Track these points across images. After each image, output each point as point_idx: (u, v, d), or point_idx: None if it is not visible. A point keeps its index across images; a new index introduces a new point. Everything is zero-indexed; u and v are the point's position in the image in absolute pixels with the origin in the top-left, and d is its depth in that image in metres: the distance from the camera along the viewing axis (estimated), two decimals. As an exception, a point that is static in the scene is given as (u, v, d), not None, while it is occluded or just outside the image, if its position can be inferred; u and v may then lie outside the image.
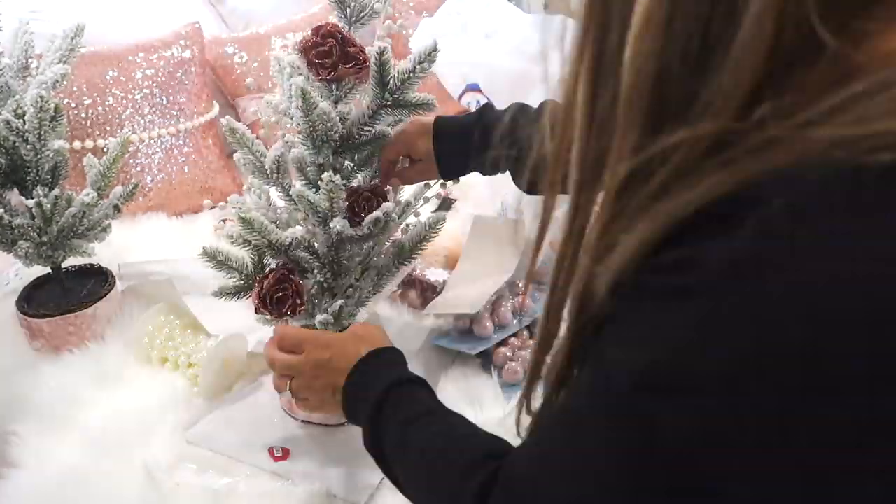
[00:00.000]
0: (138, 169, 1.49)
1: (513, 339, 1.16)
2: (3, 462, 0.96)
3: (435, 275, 1.25)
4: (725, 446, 0.35)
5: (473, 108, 2.03)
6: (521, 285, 1.22)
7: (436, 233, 0.97)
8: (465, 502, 0.54)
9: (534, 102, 1.92)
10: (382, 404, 0.69)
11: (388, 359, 0.77)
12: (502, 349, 1.13)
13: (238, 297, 0.93)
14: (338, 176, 0.84)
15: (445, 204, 1.04)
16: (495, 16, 2.09)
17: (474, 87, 2.02)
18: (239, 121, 1.70)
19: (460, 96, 2.05)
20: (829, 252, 0.32)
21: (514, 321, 1.18)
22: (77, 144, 1.42)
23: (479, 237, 1.23)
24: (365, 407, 0.71)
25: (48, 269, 1.15)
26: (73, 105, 1.43)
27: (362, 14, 0.87)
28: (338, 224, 0.85)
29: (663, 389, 0.36)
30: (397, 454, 0.67)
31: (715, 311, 0.34)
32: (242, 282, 0.92)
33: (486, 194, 1.55)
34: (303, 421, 0.98)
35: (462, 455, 0.60)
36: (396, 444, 0.67)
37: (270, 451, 0.94)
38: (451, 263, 1.32)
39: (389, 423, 0.69)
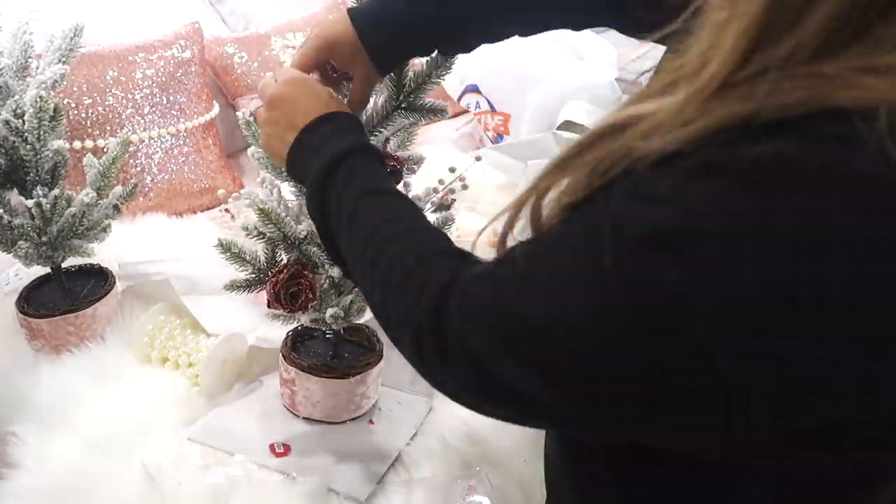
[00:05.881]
0: (138, 169, 1.49)
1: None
2: (3, 462, 0.96)
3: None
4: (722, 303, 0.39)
5: (473, 110, 2.04)
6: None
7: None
8: (427, 289, 0.53)
9: (533, 103, 1.90)
10: (337, 166, 0.65)
11: (348, 124, 0.71)
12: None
13: (248, 291, 0.93)
14: None
15: (445, 203, 1.03)
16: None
17: (474, 88, 2.02)
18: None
19: (460, 97, 2.05)
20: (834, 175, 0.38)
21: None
22: (77, 144, 1.42)
23: None
24: (314, 162, 0.67)
25: (48, 269, 1.15)
26: (73, 105, 1.43)
27: None
28: None
29: (672, 247, 0.40)
30: (344, 223, 0.64)
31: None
32: (254, 275, 0.92)
33: (489, 194, 1.55)
34: (304, 418, 0.98)
35: (429, 242, 0.58)
36: (346, 214, 0.64)
37: (272, 446, 0.94)
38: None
39: (340, 188, 0.65)
